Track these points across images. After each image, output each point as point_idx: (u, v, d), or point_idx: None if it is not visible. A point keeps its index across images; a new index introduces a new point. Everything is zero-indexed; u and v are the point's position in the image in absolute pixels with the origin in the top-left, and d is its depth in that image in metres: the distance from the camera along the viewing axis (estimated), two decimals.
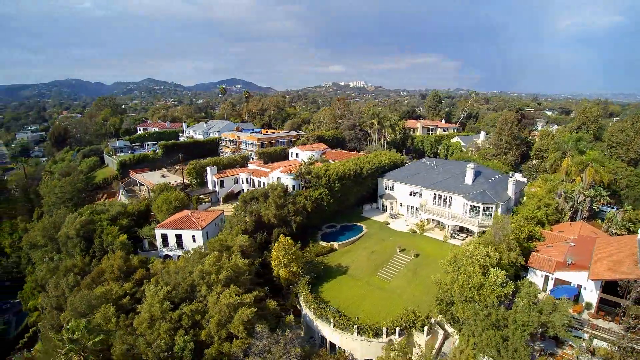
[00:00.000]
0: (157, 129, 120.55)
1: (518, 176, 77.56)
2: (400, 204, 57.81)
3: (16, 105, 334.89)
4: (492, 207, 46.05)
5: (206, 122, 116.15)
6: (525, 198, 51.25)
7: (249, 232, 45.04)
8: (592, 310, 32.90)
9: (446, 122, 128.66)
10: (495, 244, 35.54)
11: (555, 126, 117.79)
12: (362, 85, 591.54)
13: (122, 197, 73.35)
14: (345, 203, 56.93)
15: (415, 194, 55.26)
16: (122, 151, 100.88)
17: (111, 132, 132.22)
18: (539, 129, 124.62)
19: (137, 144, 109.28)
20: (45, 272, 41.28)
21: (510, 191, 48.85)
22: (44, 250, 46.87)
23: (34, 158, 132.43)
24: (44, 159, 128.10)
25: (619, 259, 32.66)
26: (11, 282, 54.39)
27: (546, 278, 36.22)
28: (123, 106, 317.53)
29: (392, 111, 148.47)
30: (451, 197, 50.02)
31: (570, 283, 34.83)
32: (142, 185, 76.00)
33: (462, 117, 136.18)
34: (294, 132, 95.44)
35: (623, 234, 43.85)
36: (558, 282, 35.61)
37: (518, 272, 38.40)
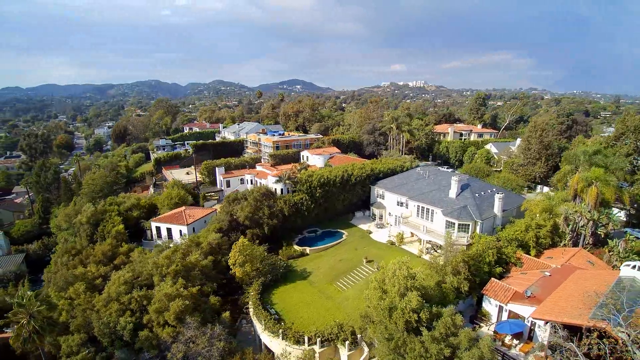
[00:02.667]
0: (198, 129, 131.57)
1: (546, 190, 70.21)
2: (389, 213, 56.42)
3: (101, 103, 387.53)
4: (469, 224, 43.02)
5: (238, 124, 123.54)
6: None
7: (223, 230, 48.21)
8: (542, 353, 29.51)
9: (483, 126, 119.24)
10: (441, 266, 33.70)
11: (607, 132, 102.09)
12: (422, 85, 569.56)
13: (151, 191, 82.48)
14: (332, 209, 57.24)
15: (402, 204, 53.60)
16: (163, 149, 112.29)
17: (163, 131, 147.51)
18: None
19: (179, 142, 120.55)
20: (58, 251, 49.02)
21: (497, 208, 44.93)
22: (65, 233, 55.56)
23: (98, 152, 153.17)
24: (106, 153, 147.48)
25: (576, 297, 28.74)
26: (50, 258, 65.08)
27: (500, 309, 33.22)
28: (190, 105, 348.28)
29: (432, 113, 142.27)
30: (433, 210, 47.70)
31: (524, 318, 31.62)
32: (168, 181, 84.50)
33: (507, 122, 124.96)
34: (312, 135, 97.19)
35: None
36: (512, 314, 32.49)
37: (476, 297, 35.84)
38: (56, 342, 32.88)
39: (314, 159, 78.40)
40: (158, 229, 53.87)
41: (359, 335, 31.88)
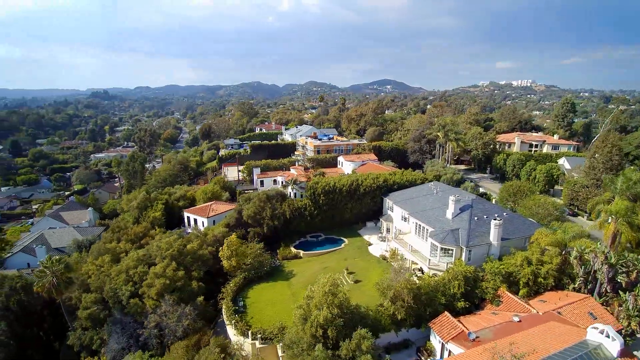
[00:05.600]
0: (265, 130, 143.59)
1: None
2: (395, 227, 54.91)
3: (209, 102, 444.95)
4: (452, 250, 39.93)
5: (296, 127, 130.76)
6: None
7: (230, 226, 54.17)
8: None
9: (570, 137, 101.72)
10: (384, 289, 32.91)
11: None
12: (528, 85, 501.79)
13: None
14: (338, 217, 58.20)
15: (405, 219, 51.83)
16: (231, 147, 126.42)
17: (240, 130, 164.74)
18: None
19: (246, 142, 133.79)
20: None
21: (493, 236, 40.28)
22: (126, 214, 69.11)
23: (187, 147, 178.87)
24: (195, 148, 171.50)
25: (511, 353, 25.20)
26: None
27: (443, 346, 30.90)
28: (281, 106, 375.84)
29: (511, 119, 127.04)
30: (427, 229, 45.28)
31: None
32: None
33: (600, 132, 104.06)
34: (355, 141, 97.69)
35: (633, 328, 30.87)
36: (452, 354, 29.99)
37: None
38: (80, 297, 42.86)
39: (347, 165, 79.76)
40: (188, 218, 63.07)
41: None
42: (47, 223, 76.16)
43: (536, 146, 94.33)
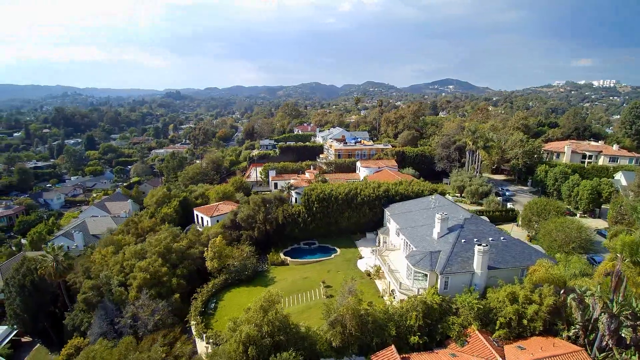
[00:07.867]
0: (301, 132, 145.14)
1: None
2: (390, 241, 51.68)
3: (266, 102, 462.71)
4: (427, 275, 36.22)
5: (328, 129, 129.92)
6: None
7: (226, 227, 55.76)
8: None
9: (637, 148, 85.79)
10: (331, 312, 31.00)
11: None
12: (611, 85, 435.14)
13: None
14: (334, 225, 56.50)
15: (398, 233, 48.51)
16: (266, 148, 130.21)
17: (281, 131, 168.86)
18: None
19: (281, 143, 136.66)
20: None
21: (477, 264, 35.55)
22: (150, 208, 75.14)
23: (232, 145, 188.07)
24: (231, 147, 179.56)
25: None
26: None
27: None
28: (333, 107, 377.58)
29: (568, 124, 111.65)
30: (412, 248, 41.81)
31: None
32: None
33: None
34: (380, 146, 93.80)
35: None
36: None
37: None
38: (82, 282, 47.61)
39: (362, 171, 77.33)
40: (197, 216, 66.47)
41: None
42: (91, 211, 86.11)
43: (590, 157, 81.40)
